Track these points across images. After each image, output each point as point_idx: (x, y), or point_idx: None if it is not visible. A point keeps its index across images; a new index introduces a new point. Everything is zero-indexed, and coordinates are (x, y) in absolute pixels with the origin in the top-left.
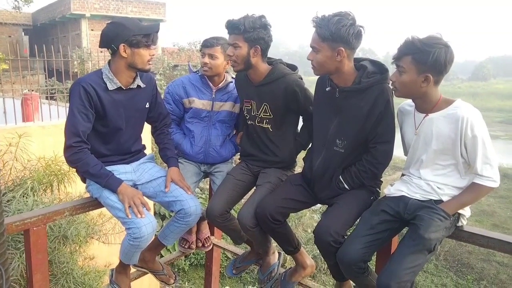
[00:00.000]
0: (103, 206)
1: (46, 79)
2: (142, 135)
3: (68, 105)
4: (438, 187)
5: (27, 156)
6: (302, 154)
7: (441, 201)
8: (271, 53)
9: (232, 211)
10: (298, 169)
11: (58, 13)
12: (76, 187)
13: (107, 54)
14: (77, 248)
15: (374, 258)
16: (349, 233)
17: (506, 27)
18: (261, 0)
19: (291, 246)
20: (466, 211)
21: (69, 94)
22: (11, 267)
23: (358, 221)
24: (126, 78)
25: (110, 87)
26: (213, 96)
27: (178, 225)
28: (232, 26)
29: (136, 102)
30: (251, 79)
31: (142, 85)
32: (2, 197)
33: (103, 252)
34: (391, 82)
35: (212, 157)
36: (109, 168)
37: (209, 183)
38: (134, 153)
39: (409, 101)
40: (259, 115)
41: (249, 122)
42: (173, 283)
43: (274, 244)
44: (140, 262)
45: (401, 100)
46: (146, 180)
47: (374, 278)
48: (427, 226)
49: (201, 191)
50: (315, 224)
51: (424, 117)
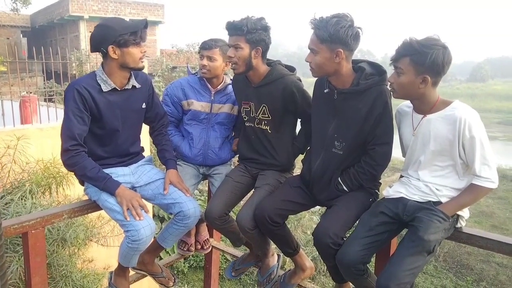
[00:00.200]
0: (101, 209)
1: (44, 81)
2: (141, 137)
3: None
4: (436, 189)
5: (25, 159)
6: (301, 156)
7: (439, 203)
8: (269, 55)
9: (231, 213)
10: (297, 171)
11: (56, 15)
12: (75, 190)
13: None
14: (76, 251)
15: (373, 260)
16: (348, 235)
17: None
18: (259, 2)
19: (290, 248)
20: (465, 213)
21: (63, 98)
22: (10, 270)
23: (357, 223)
24: (120, 79)
25: (105, 88)
26: (212, 98)
27: (177, 228)
28: (234, 27)
29: (132, 103)
30: (250, 80)
31: (138, 85)
32: (0, 200)
33: (102, 254)
34: (389, 83)
35: (211, 159)
36: (107, 170)
37: (207, 185)
38: (132, 155)
39: (407, 102)
40: (257, 116)
41: (248, 124)
42: (172, 286)
43: (273, 246)
44: (139, 264)
45: (399, 101)
46: (144, 183)
47: (373, 280)
48: (426, 228)
49: (200, 193)
50: (314, 226)
51: (422, 118)
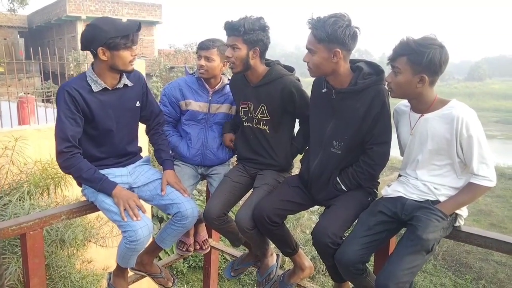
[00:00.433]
0: (99, 210)
1: (42, 81)
2: (139, 137)
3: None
4: (434, 188)
5: (23, 160)
6: (299, 156)
7: (438, 202)
8: (267, 55)
9: (230, 213)
10: (296, 170)
11: (53, 15)
12: (73, 191)
13: None
14: (74, 252)
15: (372, 259)
16: (347, 234)
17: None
18: (257, 1)
19: (289, 248)
20: (464, 211)
21: (55, 100)
22: (8, 271)
23: (355, 222)
24: (111, 80)
25: (95, 88)
26: (210, 98)
27: (175, 228)
28: (232, 28)
29: (125, 102)
30: (249, 80)
31: (130, 84)
32: None
33: (101, 255)
34: (386, 83)
35: (209, 159)
36: (104, 171)
37: (206, 185)
38: (130, 155)
39: (405, 101)
40: (256, 116)
41: (246, 124)
42: (171, 286)
43: (272, 246)
44: (137, 265)
45: (397, 100)
46: (142, 183)
47: (372, 279)
48: (424, 227)
49: (198, 193)
50: (313, 226)
51: (419, 117)
